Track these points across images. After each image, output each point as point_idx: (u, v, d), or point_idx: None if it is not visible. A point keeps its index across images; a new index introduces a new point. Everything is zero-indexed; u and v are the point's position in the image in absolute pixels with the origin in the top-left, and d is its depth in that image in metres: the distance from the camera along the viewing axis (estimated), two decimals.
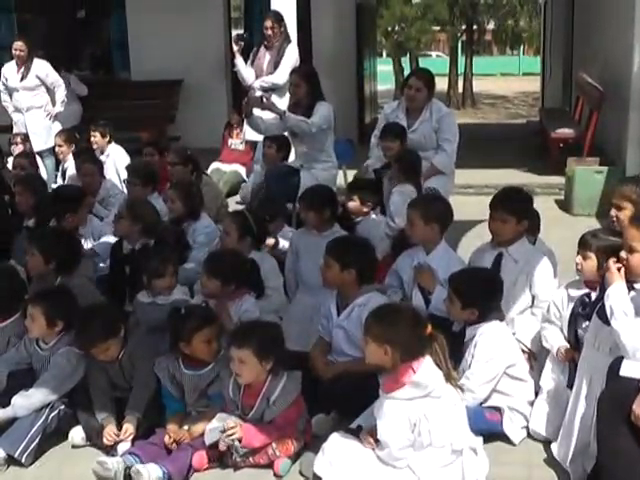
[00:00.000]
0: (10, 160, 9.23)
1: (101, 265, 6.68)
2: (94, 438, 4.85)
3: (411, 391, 4.03)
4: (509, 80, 44.36)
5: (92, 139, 9.38)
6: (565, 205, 9.82)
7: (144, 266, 5.60)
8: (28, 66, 10.37)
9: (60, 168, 9.69)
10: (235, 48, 10.28)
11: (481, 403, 4.66)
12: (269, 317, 5.63)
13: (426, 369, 4.07)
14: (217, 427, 4.49)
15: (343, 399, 4.76)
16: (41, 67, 10.44)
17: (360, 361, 4.94)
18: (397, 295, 5.56)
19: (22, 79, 10.37)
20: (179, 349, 4.83)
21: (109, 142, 9.46)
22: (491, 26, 40.96)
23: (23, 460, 4.73)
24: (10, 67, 10.56)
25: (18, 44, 10.40)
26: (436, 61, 41.28)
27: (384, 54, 39.68)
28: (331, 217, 6.26)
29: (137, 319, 5.54)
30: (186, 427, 4.70)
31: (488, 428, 4.59)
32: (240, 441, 4.43)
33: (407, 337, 4.05)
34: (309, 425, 4.74)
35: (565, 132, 11.97)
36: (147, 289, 5.59)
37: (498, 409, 4.68)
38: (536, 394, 4.83)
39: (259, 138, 9.33)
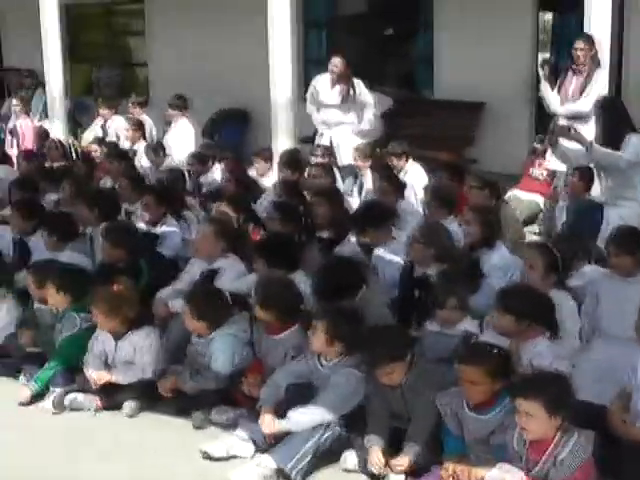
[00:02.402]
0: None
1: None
2: (366, 465, 4.74)
3: None
4: None
5: (391, 162, 9.32)
6: None
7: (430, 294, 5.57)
8: (347, 86, 10.35)
9: (357, 182, 9.73)
10: (541, 72, 9.92)
11: None
12: (560, 363, 5.25)
13: None
14: (497, 478, 4.21)
15: None
16: (357, 86, 10.42)
17: None
18: None
19: (343, 100, 10.33)
20: None
21: (406, 160, 9.36)
22: None
23: (292, 476, 4.74)
24: (323, 82, 10.56)
25: (336, 60, 10.38)
26: None
27: None
28: None
29: (423, 347, 5.37)
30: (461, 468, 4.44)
31: None
32: None
33: None
34: None
35: None
36: (433, 318, 5.50)
37: None
38: None
39: (562, 168, 8.98)
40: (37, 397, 5.87)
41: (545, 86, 9.80)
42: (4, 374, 6.29)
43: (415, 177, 9.14)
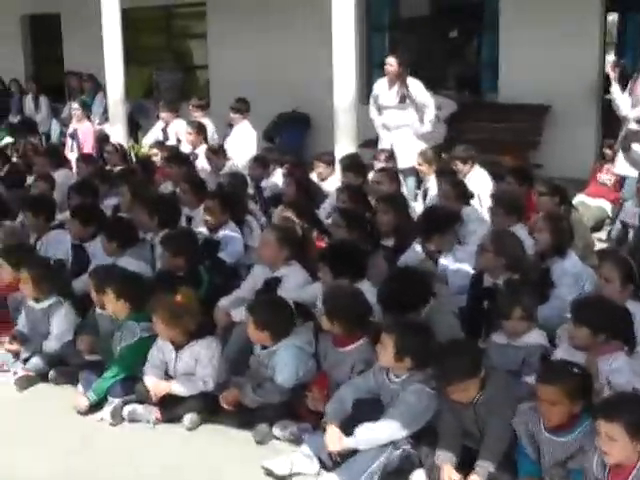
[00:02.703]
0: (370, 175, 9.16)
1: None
2: None
3: None
4: None
5: (455, 167, 9.07)
6: None
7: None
8: (402, 86, 10.19)
9: (422, 187, 9.52)
10: (612, 75, 9.61)
11: None
12: (638, 380, 5.00)
13: None
14: None
15: None
16: (413, 86, 10.25)
17: None
18: None
19: (401, 100, 10.17)
20: None
21: (472, 166, 9.11)
22: None
23: None
24: (382, 84, 10.47)
25: (390, 60, 10.28)
26: None
27: None
28: None
29: (489, 360, 5.14)
30: None
31: None
32: None
33: None
34: None
35: None
36: (499, 329, 5.28)
37: None
38: None
39: (633, 174, 8.71)
40: (95, 406, 5.76)
41: (615, 88, 9.52)
42: (62, 382, 6.20)
43: (479, 183, 8.90)
